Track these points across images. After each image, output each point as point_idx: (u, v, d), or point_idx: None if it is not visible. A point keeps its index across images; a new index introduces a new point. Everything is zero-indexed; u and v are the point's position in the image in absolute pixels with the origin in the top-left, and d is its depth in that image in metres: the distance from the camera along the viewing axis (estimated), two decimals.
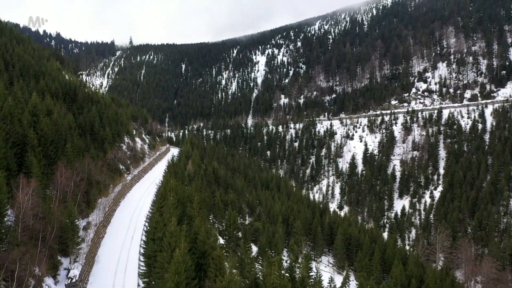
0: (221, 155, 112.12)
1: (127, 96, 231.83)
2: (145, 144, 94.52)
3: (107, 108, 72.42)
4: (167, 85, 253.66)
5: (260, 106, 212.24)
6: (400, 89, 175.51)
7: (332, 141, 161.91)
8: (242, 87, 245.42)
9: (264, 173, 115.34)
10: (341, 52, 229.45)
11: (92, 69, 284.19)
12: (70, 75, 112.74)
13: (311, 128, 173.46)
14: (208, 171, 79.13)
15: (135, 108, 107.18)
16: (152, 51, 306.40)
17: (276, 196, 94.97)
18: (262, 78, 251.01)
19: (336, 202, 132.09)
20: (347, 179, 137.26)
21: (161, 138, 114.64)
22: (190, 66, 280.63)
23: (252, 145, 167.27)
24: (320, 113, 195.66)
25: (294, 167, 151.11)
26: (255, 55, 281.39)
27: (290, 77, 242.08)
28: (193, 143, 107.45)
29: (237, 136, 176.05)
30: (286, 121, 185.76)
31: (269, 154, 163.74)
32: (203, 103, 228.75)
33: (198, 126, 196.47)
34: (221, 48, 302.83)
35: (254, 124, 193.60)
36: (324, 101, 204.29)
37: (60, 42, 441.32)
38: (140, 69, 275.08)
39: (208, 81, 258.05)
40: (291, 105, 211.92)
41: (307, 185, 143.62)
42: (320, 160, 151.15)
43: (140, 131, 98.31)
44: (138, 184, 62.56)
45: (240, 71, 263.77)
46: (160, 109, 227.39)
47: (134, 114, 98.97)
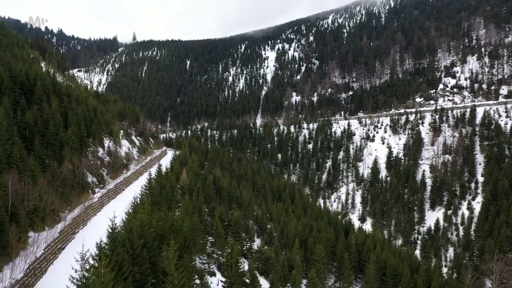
0: (225, 159, 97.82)
1: (126, 93, 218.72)
2: (135, 147, 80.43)
3: (81, 104, 58.35)
4: (170, 82, 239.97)
5: (270, 105, 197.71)
6: (426, 85, 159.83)
7: (350, 143, 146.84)
8: (250, 84, 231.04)
9: (276, 181, 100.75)
10: (358, 46, 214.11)
11: (92, 65, 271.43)
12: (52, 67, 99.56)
13: (326, 128, 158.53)
14: (207, 181, 64.86)
15: (125, 105, 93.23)
16: (156, 47, 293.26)
17: (290, 210, 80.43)
18: (271, 75, 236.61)
19: (358, 213, 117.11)
20: (369, 186, 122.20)
21: (156, 140, 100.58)
22: (195, 62, 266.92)
23: (261, 147, 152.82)
24: (336, 112, 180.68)
25: (309, 172, 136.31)
26: (265, 51, 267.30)
27: (302, 73, 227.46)
28: (192, 145, 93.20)
29: (245, 137, 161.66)
30: (298, 121, 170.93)
31: (280, 157, 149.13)
32: (208, 101, 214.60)
33: (202, 126, 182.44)
34: (229, 44, 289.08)
35: (263, 124, 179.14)
36: (340, 99, 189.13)
37: (62, 39, 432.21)
38: (142, 65, 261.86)
39: (214, 78, 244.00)
40: (303, 103, 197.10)
41: (324, 193, 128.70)
42: (338, 164, 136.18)
43: (129, 132, 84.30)
44: (113, 202, 48.31)
45: (248, 67, 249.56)
46: (161, 108, 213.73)
47: (122, 111, 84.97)
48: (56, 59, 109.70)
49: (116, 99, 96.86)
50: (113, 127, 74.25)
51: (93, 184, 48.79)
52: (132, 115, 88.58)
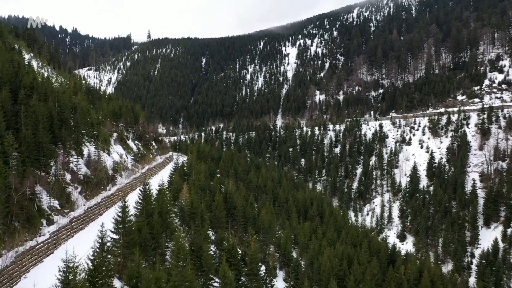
0: (241, 167, 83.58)
1: (136, 92, 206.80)
2: (130, 154, 66.77)
3: (47, 101, 44.83)
4: (184, 81, 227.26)
5: (291, 104, 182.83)
6: (469, 81, 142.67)
7: (383, 147, 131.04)
8: (269, 82, 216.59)
9: (300, 192, 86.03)
10: (387, 40, 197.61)
11: (102, 64, 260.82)
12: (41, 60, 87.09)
13: (355, 130, 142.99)
14: (216, 199, 50.71)
15: (121, 103, 79.74)
16: (170, 44, 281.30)
17: (319, 231, 65.77)
18: (293, 72, 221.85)
19: (396, 229, 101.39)
20: (408, 197, 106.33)
21: (160, 144, 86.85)
22: (211, 60, 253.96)
23: (282, 151, 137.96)
24: (365, 111, 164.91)
25: (336, 180, 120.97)
26: (285, 47, 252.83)
27: (326, 70, 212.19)
28: (202, 151, 79.17)
29: (264, 140, 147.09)
30: (323, 122, 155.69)
31: (304, 163, 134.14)
32: (223, 101, 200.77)
33: (217, 128, 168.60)
34: (247, 40, 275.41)
35: (284, 125, 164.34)
36: (368, 98, 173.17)
37: (76, 38, 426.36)
38: (155, 63, 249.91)
39: (230, 76, 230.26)
40: (328, 102, 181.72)
41: (355, 204, 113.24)
42: (370, 171, 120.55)
43: (125, 136, 70.76)
44: (75, 239, 34.16)
45: (268, 64, 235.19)
46: (173, 108, 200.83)
47: (116, 111, 71.43)
48: (48, 52, 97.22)
49: (111, 96, 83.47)
50: (102, 129, 60.81)
51: (50, 211, 34.93)
52: (129, 115, 75.00)
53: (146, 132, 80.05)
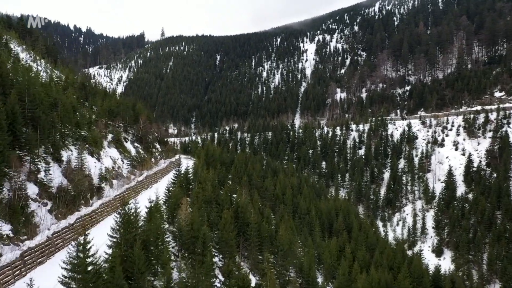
0: (256, 172, 74.12)
1: (147, 91, 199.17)
2: (127, 158, 57.90)
3: (13, 93, 36.12)
4: (197, 78, 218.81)
5: (310, 102, 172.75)
6: (508, 76, 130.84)
7: (413, 149, 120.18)
8: (287, 80, 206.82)
9: (323, 202, 76.20)
10: (414, 33, 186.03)
11: (114, 62, 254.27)
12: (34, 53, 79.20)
13: (380, 130, 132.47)
14: (225, 216, 41.37)
15: (119, 100, 70.98)
16: (184, 42, 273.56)
17: (348, 250, 56.03)
18: (311, 69, 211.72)
19: (430, 242, 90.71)
20: (443, 206, 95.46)
21: (165, 147, 77.97)
22: (225, 57, 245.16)
23: (301, 153, 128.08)
24: (391, 110, 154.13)
25: (362, 185, 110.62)
26: (303, 43, 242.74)
27: (346, 66, 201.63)
28: (211, 154, 69.97)
29: (281, 141, 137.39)
30: (345, 121, 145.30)
31: (325, 166, 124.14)
32: (238, 99, 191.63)
33: (231, 128, 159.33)
34: (263, 37, 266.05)
35: (303, 125, 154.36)
36: (394, 95, 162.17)
37: (90, 37, 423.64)
38: (168, 60, 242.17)
39: (245, 73, 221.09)
40: (350, 100, 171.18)
41: (383, 213, 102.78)
42: (399, 176, 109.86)
43: (123, 137, 61.98)
44: None
45: (285, 61, 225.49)
46: (185, 107, 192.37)
47: (113, 109, 62.58)
48: (44, 45, 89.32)
49: (107, 91, 74.67)
50: (93, 129, 52.20)
51: None
52: (128, 113, 66.14)
53: (148, 133, 71.13)
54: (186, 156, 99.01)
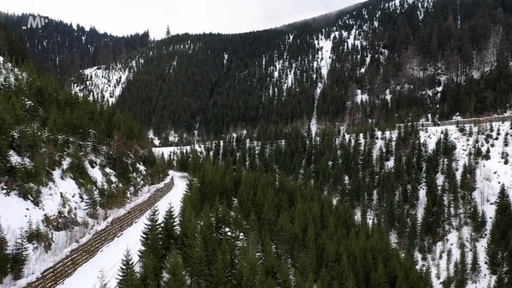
0: (268, 199, 58.29)
1: (147, 93, 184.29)
2: (89, 194, 42.32)
3: None
4: (202, 79, 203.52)
5: (328, 106, 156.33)
6: None
7: (453, 161, 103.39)
8: (301, 80, 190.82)
9: (354, 239, 59.91)
10: (443, 28, 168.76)
11: (114, 62, 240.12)
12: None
13: (410, 138, 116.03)
14: (221, 272, 25.69)
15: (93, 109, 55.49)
16: (189, 40, 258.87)
17: None
18: (327, 68, 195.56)
19: (486, 281, 73.85)
20: (497, 235, 78.60)
21: (151, 168, 62.48)
22: (233, 56, 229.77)
23: (320, 166, 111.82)
24: (420, 114, 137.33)
25: (394, 206, 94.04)
26: (318, 40, 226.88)
27: (366, 65, 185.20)
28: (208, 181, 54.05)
29: (296, 151, 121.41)
30: (369, 128, 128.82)
31: (348, 181, 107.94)
32: (247, 103, 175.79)
33: (239, 136, 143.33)
34: (274, 35, 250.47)
35: (320, 131, 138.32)
36: (424, 97, 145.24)
37: (93, 36, 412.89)
38: (171, 60, 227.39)
39: (255, 73, 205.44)
40: (373, 103, 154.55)
41: (421, 242, 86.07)
42: (440, 195, 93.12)
43: (88, 161, 46.70)
44: None
45: (298, 59, 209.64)
46: (188, 111, 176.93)
47: (76, 123, 47.09)
48: (7, 41, 74.58)
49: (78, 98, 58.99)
50: (39, 153, 37.12)
51: None
52: (98, 128, 50.70)
53: (126, 153, 55.69)
54: (182, 174, 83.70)
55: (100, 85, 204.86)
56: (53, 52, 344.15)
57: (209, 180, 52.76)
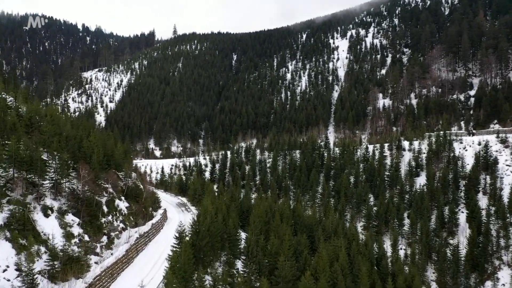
0: (285, 242, 45.92)
1: (148, 98, 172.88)
2: (30, 260, 30.23)
3: None
4: (209, 82, 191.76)
5: (347, 112, 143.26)
6: None
7: (496, 179, 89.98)
8: (315, 83, 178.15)
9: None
10: (473, 25, 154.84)
11: (116, 64, 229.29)
12: None
13: (444, 150, 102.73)
14: None
15: (55, 129, 43.36)
16: (196, 40, 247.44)
17: None
18: (344, 69, 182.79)
19: None
20: None
21: (136, 204, 50.47)
22: (243, 56, 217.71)
23: (341, 185, 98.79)
24: (452, 122, 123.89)
25: (430, 235, 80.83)
26: (333, 39, 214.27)
27: (387, 66, 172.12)
28: (206, 228, 41.64)
29: (313, 165, 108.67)
30: (395, 138, 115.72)
31: (373, 201, 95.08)
32: (257, 108, 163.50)
33: (248, 146, 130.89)
34: (286, 33, 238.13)
35: (339, 141, 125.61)
36: (455, 102, 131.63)
37: (98, 36, 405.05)
38: (176, 61, 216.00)
39: (266, 75, 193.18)
40: (397, 109, 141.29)
41: (466, 280, 72.80)
42: (485, 222, 79.77)
43: (42, 208, 34.72)
44: None
45: (312, 60, 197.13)
46: (193, 118, 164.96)
47: (24, 156, 35.16)
48: None
49: (37, 111, 46.72)
50: None
51: None
52: (61, 157, 38.52)
53: (103, 187, 43.65)
54: (180, 200, 71.67)
55: (99, 89, 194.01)
56: (55, 53, 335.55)
57: (207, 226, 40.47)
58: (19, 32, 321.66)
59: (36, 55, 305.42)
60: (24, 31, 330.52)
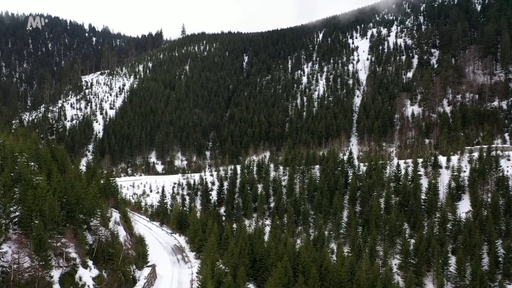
0: None
1: (151, 105, 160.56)
2: None
3: None
4: (218, 87, 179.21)
5: (372, 122, 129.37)
6: None
7: None
8: (334, 87, 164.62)
9: None
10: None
11: (119, 66, 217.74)
12: None
13: (489, 169, 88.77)
14: None
15: None
16: (205, 40, 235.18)
17: None
18: (366, 72, 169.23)
19: None
20: None
21: (110, 267, 37.74)
22: (254, 58, 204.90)
23: (371, 213, 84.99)
24: (495, 133, 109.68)
25: (484, 279, 66.96)
26: (352, 39, 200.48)
27: (414, 68, 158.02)
28: None
29: (336, 187, 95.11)
30: (430, 153, 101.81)
31: (409, 232, 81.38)
32: (270, 117, 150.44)
33: (261, 160, 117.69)
34: (301, 33, 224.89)
35: (364, 155, 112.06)
36: (497, 111, 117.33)
37: (105, 36, 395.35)
38: (183, 64, 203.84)
39: (280, 79, 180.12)
40: (428, 118, 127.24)
41: None
42: None
43: None
44: None
45: (330, 62, 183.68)
46: (199, 128, 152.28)
47: None
48: None
49: None
50: None
51: None
52: None
53: (54, 256, 30.84)
54: (178, 242, 59.16)
55: (100, 94, 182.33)
56: (59, 55, 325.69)
57: None
58: (21, 33, 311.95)
59: (37, 57, 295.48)
60: (27, 32, 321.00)
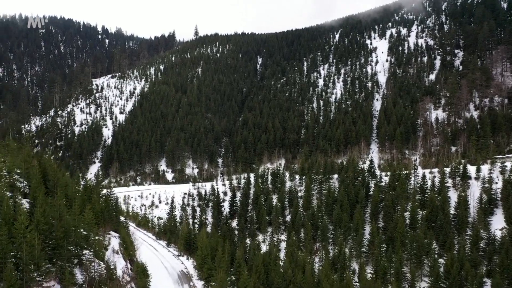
0: None
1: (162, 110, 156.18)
2: None
3: None
4: (231, 90, 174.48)
5: (394, 128, 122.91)
6: None
7: None
8: (352, 91, 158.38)
9: None
10: None
11: (129, 69, 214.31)
12: None
13: None
14: None
15: None
16: (218, 42, 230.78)
17: None
18: (385, 74, 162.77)
19: None
20: None
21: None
22: (269, 60, 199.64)
23: (395, 226, 79.03)
24: None
25: None
26: (370, 39, 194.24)
27: (436, 70, 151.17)
28: None
29: (357, 200, 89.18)
30: (457, 162, 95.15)
31: (437, 251, 75.04)
32: (285, 122, 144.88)
33: (276, 168, 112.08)
34: (317, 33, 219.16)
35: (385, 163, 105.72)
36: None
37: (117, 38, 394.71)
38: (195, 66, 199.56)
39: (295, 81, 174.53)
40: (454, 124, 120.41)
41: None
42: None
43: None
44: None
45: (348, 63, 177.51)
46: (211, 134, 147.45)
47: None
48: None
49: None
50: None
51: None
52: None
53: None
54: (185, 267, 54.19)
55: (110, 98, 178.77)
56: (71, 57, 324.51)
57: None
58: (33, 35, 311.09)
59: (49, 60, 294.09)
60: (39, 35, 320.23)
